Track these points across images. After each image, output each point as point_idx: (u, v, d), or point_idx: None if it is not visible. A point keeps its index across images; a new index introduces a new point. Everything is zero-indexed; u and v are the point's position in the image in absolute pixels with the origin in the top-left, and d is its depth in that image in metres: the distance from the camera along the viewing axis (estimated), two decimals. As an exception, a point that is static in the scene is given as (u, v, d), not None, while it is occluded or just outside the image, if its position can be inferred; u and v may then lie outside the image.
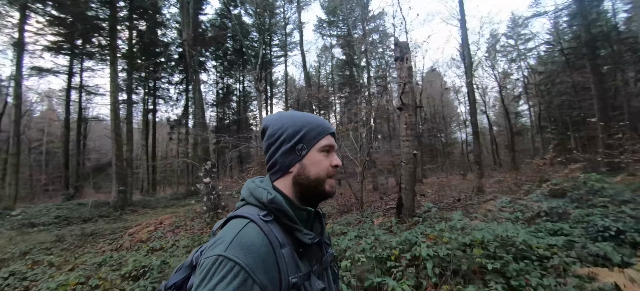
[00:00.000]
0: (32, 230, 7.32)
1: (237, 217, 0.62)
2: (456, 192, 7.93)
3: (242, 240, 0.54)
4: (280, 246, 0.58)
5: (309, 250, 0.65)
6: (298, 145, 0.68)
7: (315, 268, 0.65)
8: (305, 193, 0.67)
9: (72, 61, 17.63)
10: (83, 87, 18.64)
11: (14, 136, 10.74)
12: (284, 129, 0.69)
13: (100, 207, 11.06)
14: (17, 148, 10.86)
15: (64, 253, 4.56)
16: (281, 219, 0.62)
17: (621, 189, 3.35)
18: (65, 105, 18.14)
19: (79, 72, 18.34)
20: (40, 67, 16.30)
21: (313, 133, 0.69)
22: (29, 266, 3.58)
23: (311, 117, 0.72)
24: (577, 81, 16.42)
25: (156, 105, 22.73)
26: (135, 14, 16.86)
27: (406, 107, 4.17)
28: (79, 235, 6.38)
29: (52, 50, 16.35)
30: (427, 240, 2.40)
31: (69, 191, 16.03)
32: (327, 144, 0.69)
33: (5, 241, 5.43)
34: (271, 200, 0.61)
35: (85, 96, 20.25)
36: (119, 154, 10.46)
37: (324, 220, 0.76)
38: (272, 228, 0.60)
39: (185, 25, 7.97)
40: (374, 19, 24.10)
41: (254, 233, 0.57)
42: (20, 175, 25.54)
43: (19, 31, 11.36)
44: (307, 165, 0.67)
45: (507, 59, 25.70)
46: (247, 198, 0.67)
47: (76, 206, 11.28)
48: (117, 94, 10.80)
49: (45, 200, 18.82)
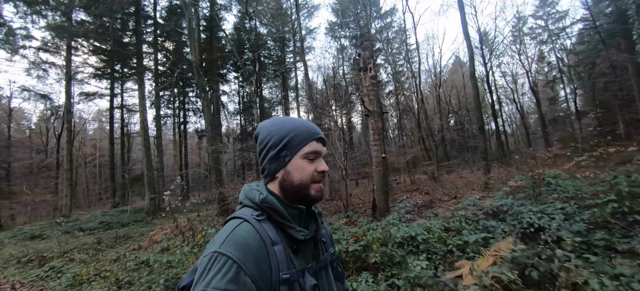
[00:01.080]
0: (80, 234, 8.72)
1: (233, 218, 0.66)
2: (458, 189, 7.80)
3: (235, 238, 0.58)
4: (272, 244, 0.61)
5: (303, 247, 0.67)
6: (282, 152, 0.69)
7: (311, 265, 0.67)
8: (291, 197, 0.69)
9: (113, 84, 20.09)
10: (124, 107, 21.11)
11: (67, 155, 12.67)
12: (271, 136, 0.71)
13: (137, 213, 12.59)
14: (70, 165, 12.79)
15: (96, 253, 5.55)
16: (273, 217, 0.65)
17: (579, 186, 3.24)
18: (110, 123, 20.67)
19: (120, 94, 20.85)
20: (87, 92, 18.83)
21: (297, 140, 0.70)
22: (66, 262, 4.51)
23: (299, 123, 0.73)
24: (614, 61, 14.79)
25: (186, 117, 24.86)
26: (161, 38, 18.80)
27: (372, 114, 4.39)
28: (114, 238, 7.51)
29: (96, 76, 18.87)
30: (352, 238, 2.70)
31: (115, 200, 18.25)
32: (310, 150, 0.70)
33: (53, 244, 6.68)
34: (263, 200, 0.65)
35: (126, 114, 22.90)
36: (149, 165, 11.87)
37: (319, 219, 0.77)
38: (265, 226, 0.63)
39: (193, 48, 8.89)
40: (386, 15, 23.84)
41: (247, 231, 0.60)
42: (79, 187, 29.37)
43: (66, 63, 13.36)
44: (291, 171, 0.69)
45: (537, 42, 23.72)
46: (243, 201, 0.71)
47: (119, 213, 12.95)
48: (145, 112, 12.30)
49: (100, 207, 21.64)
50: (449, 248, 2.46)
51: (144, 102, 12.51)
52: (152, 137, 14.46)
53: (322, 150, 0.73)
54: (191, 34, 8.88)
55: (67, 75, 13.13)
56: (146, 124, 12.41)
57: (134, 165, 32.28)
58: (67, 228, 9.52)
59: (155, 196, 11.63)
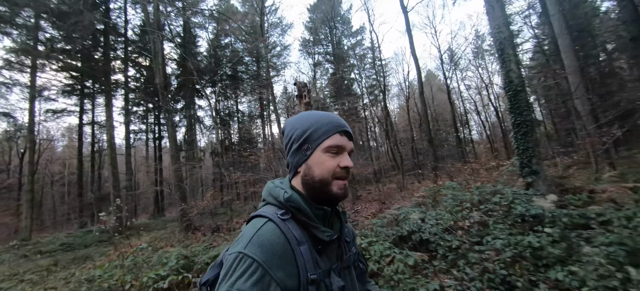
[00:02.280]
0: (37, 257, 8.58)
1: (258, 216, 0.64)
2: (392, 199, 8.49)
3: (260, 238, 0.57)
4: (298, 244, 0.59)
5: (328, 247, 0.66)
6: (304, 145, 0.68)
7: (335, 265, 0.66)
8: (313, 193, 0.67)
9: (83, 100, 19.69)
10: (95, 123, 20.64)
11: (28, 175, 12.36)
12: (294, 130, 0.70)
13: (103, 233, 12.36)
14: (31, 186, 12.45)
15: (48, 274, 5.63)
16: (298, 217, 0.63)
17: (460, 196, 3.93)
18: (78, 140, 20.10)
19: (91, 110, 20.41)
20: (54, 110, 18.37)
21: (318, 133, 0.68)
22: (14, 283, 4.64)
23: (322, 116, 0.71)
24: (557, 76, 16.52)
25: (162, 132, 24.57)
26: (135, 54, 18.86)
27: None
28: (72, 259, 7.51)
29: (65, 92, 18.46)
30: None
31: (82, 220, 17.65)
32: (332, 144, 0.67)
33: (6, 268, 6.63)
34: (288, 199, 0.64)
35: (98, 130, 22.36)
36: (116, 184, 11.81)
37: (343, 218, 0.76)
38: (289, 226, 0.61)
39: (157, 71, 9.24)
40: (357, 33, 25.14)
41: (272, 231, 0.59)
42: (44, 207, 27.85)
43: (31, 83, 13.19)
44: (312, 166, 0.67)
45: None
46: (266, 198, 0.69)
47: (83, 234, 12.64)
48: (112, 130, 12.31)
49: (67, 228, 20.70)
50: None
51: (111, 121, 12.53)
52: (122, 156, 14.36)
53: (346, 144, 0.69)
54: (156, 57, 9.23)
55: (31, 94, 12.94)
56: (113, 142, 12.40)
57: (105, 183, 31.16)
58: (26, 251, 9.29)
59: (121, 215, 11.54)
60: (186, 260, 3.47)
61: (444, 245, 2.66)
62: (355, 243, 0.82)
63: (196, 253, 3.64)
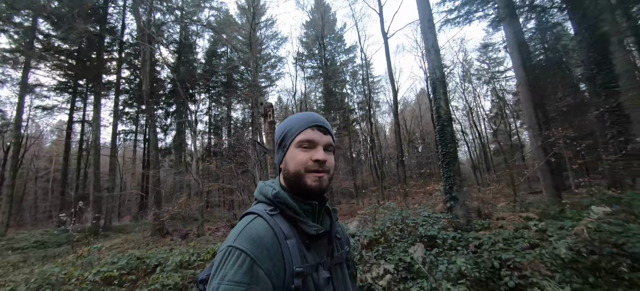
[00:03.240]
0: (9, 254, 8.64)
1: (248, 213, 0.68)
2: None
3: (249, 232, 0.60)
4: (285, 238, 0.62)
5: (317, 242, 0.68)
6: (282, 143, 0.73)
7: (324, 261, 0.68)
8: (292, 187, 0.70)
9: (74, 98, 19.87)
10: (86, 122, 20.71)
11: (10, 170, 12.43)
12: (278, 131, 0.75)
13: (80, 232, 12.39)
14: (12, 181, 12.50)
15: (13, 269, 5.78)
16: (286, 212, 0.67)
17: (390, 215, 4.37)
18: (66, 137, 20.13)
19: (82, 108, 20.53)
20: (44, 106, 18.52)
21: (293, 129, 0.71)
22: (-22, 278, 4.81)
23: (300, 115, 0.74)
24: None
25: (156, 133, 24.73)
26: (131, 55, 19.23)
27: (269, 152, 5.38)
28: (42, 257, 7.62)
29: (58, 89, 18.66)
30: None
31: (61, 218, 17.50)
32: (304, 139, 0.70)
33: None
34: (275, 195, 0.68)
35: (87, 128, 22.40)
36: (97, 184, 11.96)
37: (334, 216, 0.77)
38: (277, 221, 0.65)
39: (145, 80, 9.64)
40: (350, 50, 26.03)
41: (260, 226, 0.62)
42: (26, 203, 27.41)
43: (22, 79, 13.43)
44: (288, 161, 0.71)
45: (481, 82, 26.88)
46: (257, 197, 0.73)
47: (60, 232, 12.64)
48: (98, 131, 12.52)
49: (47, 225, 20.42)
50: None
51: (99, 122, 12.79)
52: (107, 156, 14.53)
53: (319, 139, 0.71)
54: (144, 66, 9.64)
55: (21, 90, 13.17)
56: (98, 142, 12.61)
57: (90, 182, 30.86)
58: (-2, 247, 9.33)
59: (99, 215, 11.65)
60: (139, 260, 3.76)
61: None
62: (348, 243, 0.84)
63: (150, 256, 3.93)
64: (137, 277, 3.17)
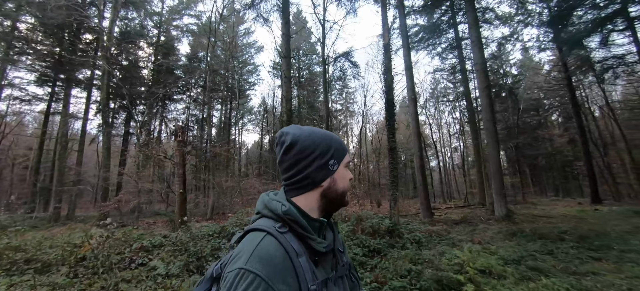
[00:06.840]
0: (-36, 235, 9.52)
1: (254, 230, 0.65)
2: None
3: (261, 253, 0.57)
4: (297, 256, 0.61)
5: (324, 258, 0.69)
6: (330, 161, 0.73)
7: (331, 275, 0.68)
8: (330, 205, 0.73)
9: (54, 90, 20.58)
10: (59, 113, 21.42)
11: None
12: (316, 145, 0.73)
13: (41, 221, 13.27)
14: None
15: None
16: (296, 230, 0.65)
17: None
18: (42, 127, 20.78)
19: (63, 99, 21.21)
20: (22, 98, 19.29)
21: (341, 149, 0.76)
22: None
23: (334, 135, 0.78)
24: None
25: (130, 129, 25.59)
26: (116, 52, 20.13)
27: (179, 165, 6.56)
28: (-7, 239, 8.58)
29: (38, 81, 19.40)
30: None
31: (30, 205, 18.25)
32: (349, 160, 0.78)
33: None
34: (286, 212, 0.66)
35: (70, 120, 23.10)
36: (60, 175, 12.90)
37: (335, 229, 0.80)
38: (288, 238, 0.63)
39: (103, 90, 10.70)
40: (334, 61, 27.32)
41: (272, 245, 0.60)
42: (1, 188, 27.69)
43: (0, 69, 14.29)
44: (337, 179, 0.74)
45: (448, 100, 28.49)
46: (261, 211, 0.71)
47: (24, 219, 13.48)
48: (66, 127, 13.47)
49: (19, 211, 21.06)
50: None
51: (66, 117, 13.76)
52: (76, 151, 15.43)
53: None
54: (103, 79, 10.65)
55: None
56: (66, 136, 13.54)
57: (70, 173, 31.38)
58: (-45, 230, 10.14)
59: (59, 205, 12.57)
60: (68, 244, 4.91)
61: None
62: (346, 254, 0.83)
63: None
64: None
